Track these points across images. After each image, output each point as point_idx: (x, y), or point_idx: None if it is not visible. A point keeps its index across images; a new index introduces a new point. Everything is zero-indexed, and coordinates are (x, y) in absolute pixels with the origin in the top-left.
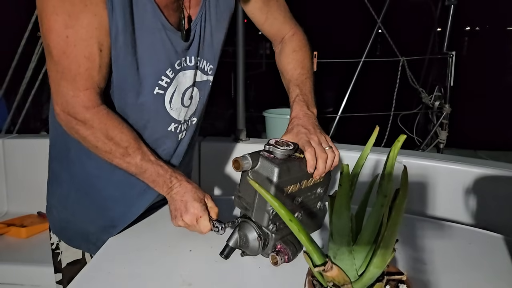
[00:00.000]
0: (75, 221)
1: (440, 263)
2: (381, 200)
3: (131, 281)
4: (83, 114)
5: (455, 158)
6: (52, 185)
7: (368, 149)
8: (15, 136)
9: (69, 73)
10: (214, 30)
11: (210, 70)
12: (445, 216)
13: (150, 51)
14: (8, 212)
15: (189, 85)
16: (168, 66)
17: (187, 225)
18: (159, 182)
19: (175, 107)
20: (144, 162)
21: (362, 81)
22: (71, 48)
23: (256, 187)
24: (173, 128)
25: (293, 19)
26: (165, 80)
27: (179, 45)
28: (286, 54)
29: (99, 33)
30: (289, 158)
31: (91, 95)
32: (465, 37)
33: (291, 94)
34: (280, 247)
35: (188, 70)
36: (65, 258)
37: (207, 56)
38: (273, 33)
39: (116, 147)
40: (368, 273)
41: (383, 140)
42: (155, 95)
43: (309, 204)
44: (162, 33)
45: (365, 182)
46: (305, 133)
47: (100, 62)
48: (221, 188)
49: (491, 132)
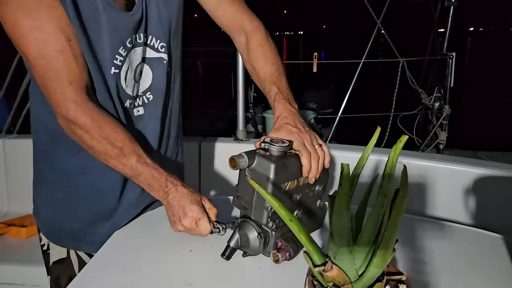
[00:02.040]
0: (61, 219)
1: (439, 263)
2: (381, 200)
3: (131, 281)
4: (74, 111)
5: (454, 159)
6: (37, 186)
7: (369, 149)
8: (15, 136)
9: (50, 72)
10: (161, 6)
11: (161, 47)
12: (445, 216)
13: (101, 33)
14: (8, 212)
15: (139, 62)
16: (120, 44)
17: (187, 229)
18: (155, 186)
19: (129, 84)
20: (140, 164)
21: (362, 82)
22: (42, 47)
23: (256, 187)
24: (128, 104)
25: (250, 11)
26: (119, 58)
27: (128, 22)
28: (252, 51)
29: (61, 24)
30: (285, 155)
31: (77, 90)
32: (465, 38)
33: (269, 93)
34: (281, 245)
35: (138, 47)
36: (52, 256)
37: (156, 33)
38: (228, 21)
39: (111, 147)
40: (368, 273)
41: (383, 141)
42: (112, 74)
43: (308, 202)
44: (109, 13)
45: (365, 183)
46: (297, 132)
47: (74, 52)
48: (221, 188)
49: (491, 133)
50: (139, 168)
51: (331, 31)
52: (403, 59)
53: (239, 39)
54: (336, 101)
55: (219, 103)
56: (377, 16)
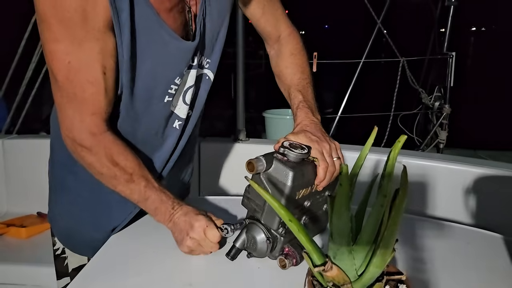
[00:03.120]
0: (81, 229)
1: (439, 263)
2: (381, 200)
3: (131, 282)
4: (89, 140)
5: (455, 158)
6: (56, 193)
7: (367, 149)
8: (15, 136)
9: (75, 98)
10: (214, 25)
11: (206, 64)
12: (444, 216)
13: (159, 65)
14: (8, 212)
15: (191, 84)
16: (177, 75)
17: (196, 243)
18: (161, 209)
19: (177, 105)
20: (148, 189)
21: (362, 82)
22: (73, 74)
23: (256, 187)
24: (177, 125)
25: (288, 18)
26: (174, 88)
27: (188, 51)
28: (284, 57)
29: (101, 57)
30: (302, 161)
31: (98, 120)
32: (466, 38)
33: (293, 100)
34: (288, 250)
35: (192, 70)
36: (71, 263)
37: (207, 52)
38: (269, 30)
39: (121, 173)
40: (367, 273)
41: (383, 140)
42: (165, 103)
43: (316, 207)
44: (170, 45)
45: (365, 182)
46: (316, 141)
47: (106, 86)
48: (221, 188)
49: (491, 132)
50: (147, 192)
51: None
52: (403, 58)
53: (273, 45)
54: (336, 101)
55: (219, 103)
56: (378, 16)
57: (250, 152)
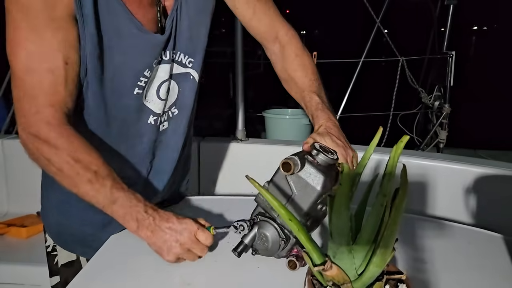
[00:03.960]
0: (71, 224)
1: (439, 262)
2: (381, 199)
3: (131, 281)
4: (46, 132)
5: (455, 158)
6: (47, 189)
7: (371, 149)
8: (15, 136)
9: (32, 89)
10: (192, 22)
11: (189, 63)
12: (445, 215)
13: (126, 58)
14: (8, 212)
15: (165, 79)
16: (146, 67)
17: (185, 249)
18: (132, 214)
19: (150, 99)
20: (115, 190)
21: (361, 81)
22: (32, 62)
23: (256, 186)
24: (152, 121)
25: (284, 19)
26: (144, 80)
27: (156, 44)
28: (289, 60)
29: (64, 46)
30: (330, 166)
31: (56, 113)
32: (466, 37)
33: (309, 102)
34: (298, 252)
35: (163, 65)
36: (60, 258)
37: (185, 49)
38: (263, 30)
39: (84, 171)
40: (367, 273)
41: (383, 140)
42: (135, 95)
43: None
44: (139, 37)
45: (365, 182)
46: (342, 147)
47: (66, 76)
48: (220, 188)
49: (491, 132)
50: (115, 194)
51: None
52: (403, 58)
53: (273, 48)
54: (335, 101)
55: (218, 103)
56: (377, 15)
57: (250, 152)
